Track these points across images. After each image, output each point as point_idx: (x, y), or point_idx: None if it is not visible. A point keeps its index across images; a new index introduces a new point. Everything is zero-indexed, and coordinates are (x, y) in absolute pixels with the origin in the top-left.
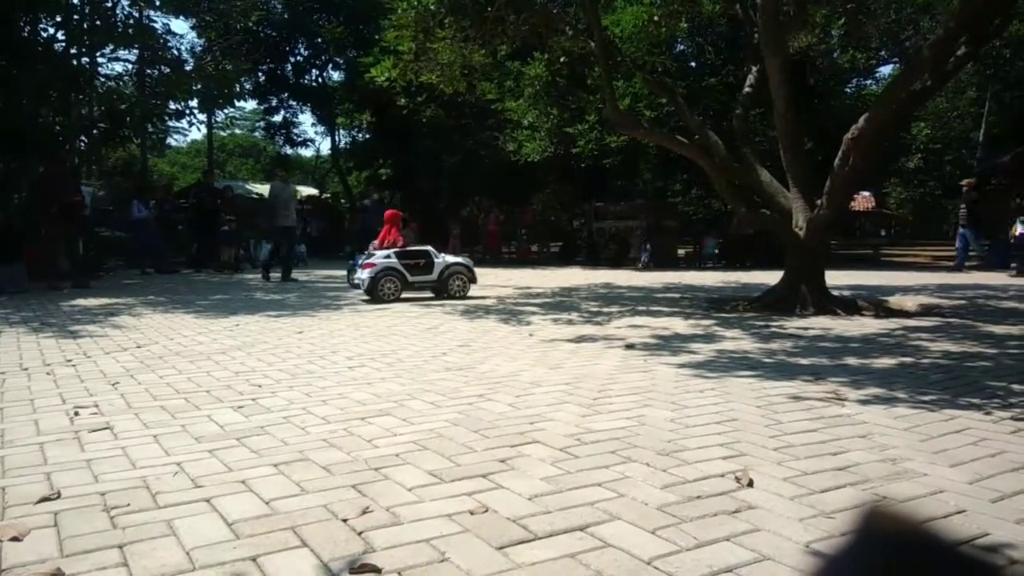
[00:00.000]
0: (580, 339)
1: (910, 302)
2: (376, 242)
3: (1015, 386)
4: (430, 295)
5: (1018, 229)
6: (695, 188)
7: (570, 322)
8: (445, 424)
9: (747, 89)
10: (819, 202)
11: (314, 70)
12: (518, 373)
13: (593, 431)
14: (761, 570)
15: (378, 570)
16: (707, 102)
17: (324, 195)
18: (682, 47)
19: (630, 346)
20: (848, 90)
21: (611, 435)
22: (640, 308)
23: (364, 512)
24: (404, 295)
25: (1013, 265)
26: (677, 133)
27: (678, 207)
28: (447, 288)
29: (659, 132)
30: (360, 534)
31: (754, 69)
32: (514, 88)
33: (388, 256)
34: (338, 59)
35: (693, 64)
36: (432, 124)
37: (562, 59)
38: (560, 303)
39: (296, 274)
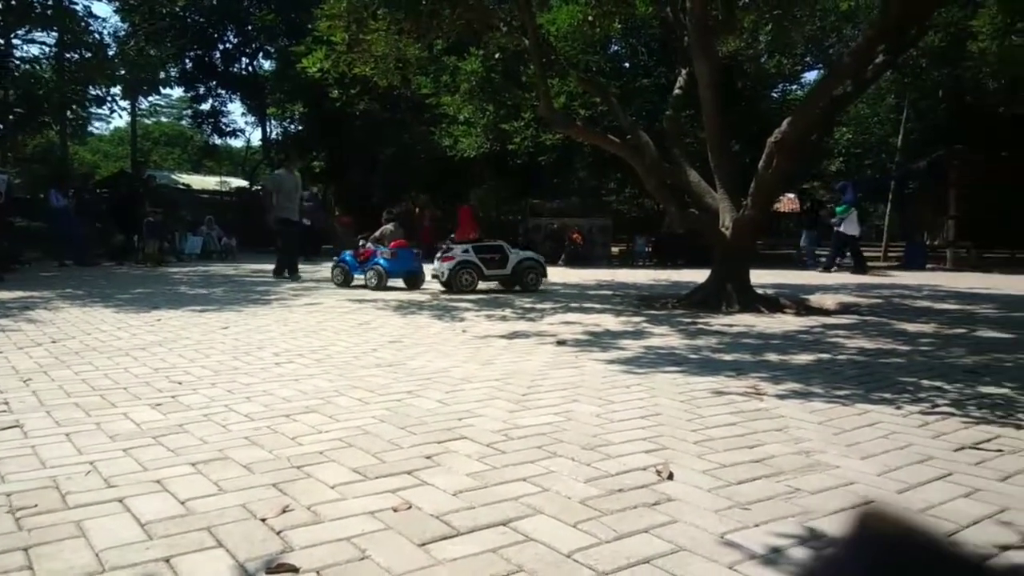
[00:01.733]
0: (513, 335)
1: (830, 300)
2: (454, 236)
3: (925, 382)
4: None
5: (846, 227)
6: (629, 187)
7: (503, 318)
8: (372, 421)
9: (677, 91)
10: (745, 203)
11: (244, 58)
12: (449, 369)
13: (521, 427)
14: (676, 560)
15: (296, 569)
16: (640, 103)
17: (255, 187)
18: (616, 48)
19: (561, 342)
20: (774, 94)
21: (538, 431)
22: (573, 305)
23: (284, 511)
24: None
25: (839, 260)
26: (611, 133)
27: (612, 205)
28: (521, 281)
29: (592, 131)
30: (279, 533)
31: (684, 72)
32: (450, 83)
33: (466, 250)
34: (269, 48)
35: (627, 65)
36: (366, 117)
37: (497, 55)
38: (494, 299)
39: (223, 267)
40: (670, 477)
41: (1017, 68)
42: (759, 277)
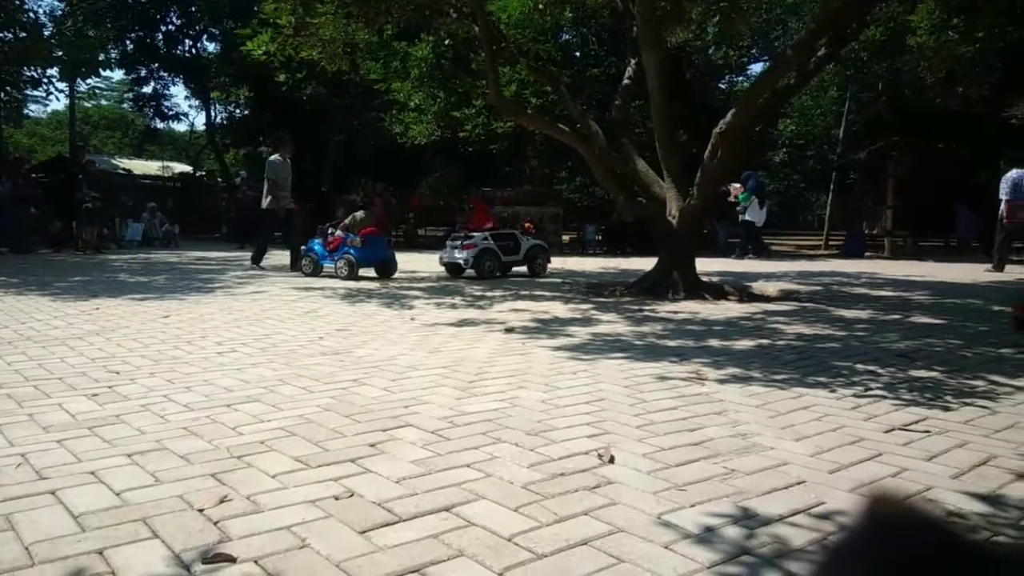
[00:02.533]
0: (462, 323)
1: (771, 288)
2: (470, 224)
3: (859, 366)
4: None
5: (748, 215)
6: (580, 176)
7: (453, 306)
8: (316, 410)
9: (626, 81)
10: (691, 192)
11: (188, 40)
12: (396, 357)
13: (466, 413)
14: (614, 541)
15: (232, 559)
16: (591, 91)
17: (199, 173)
18: (567, 37)
19: (510, 330)
20: (722, 86)
21: (484, 417)
22: (523, 293)
23: (222, 501)
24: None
25: (750, 249)
26: (561, 122)
27: (563, 194)
28: (531, 266)
29: (542, 119)
30: (216, 523)
31: (633, 62)
32: (400, 69)
33: (486, 238)
34: (214, 30)
35: (578, 54)
36: (314, 102)
37: (447, 42)
38: (444, 287)
39: (165, 255)
40: (611, 461)
41: (953, 63)
42: (705, 265)
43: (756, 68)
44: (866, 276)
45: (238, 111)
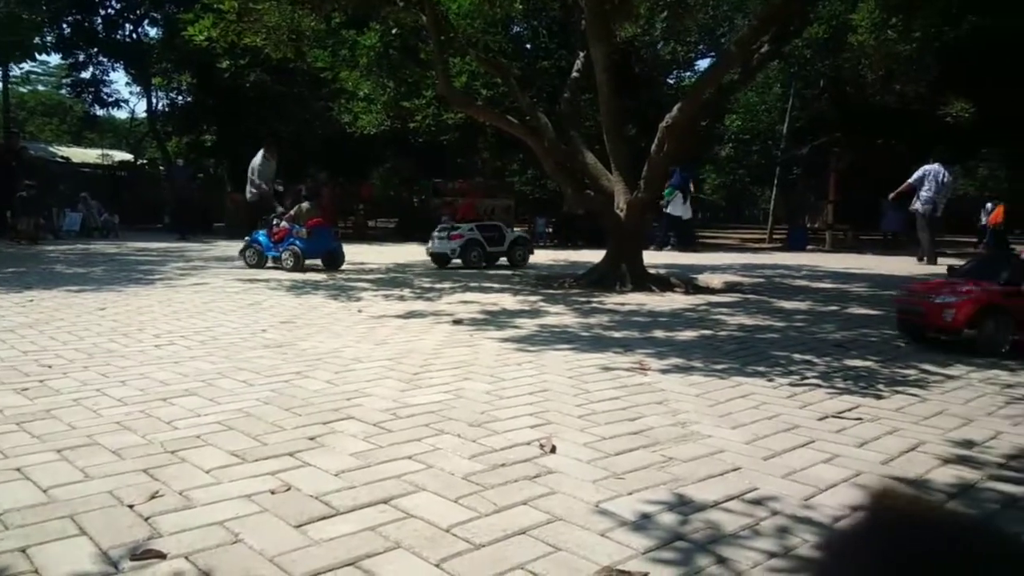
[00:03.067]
0: (409, 315)
1: (716, 280)
2: (458, 215)
3: (796, 356)
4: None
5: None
6: (531, 168)
7: (401, 298)
8: (255, 403)
9: (575, 74)
10: (639, 185)
11: (128, 24)
12: (341, 350)
13: (410, 405)
14: (551, 530)
15: (163, 555)
16: (541, 84)
17: (140, 161)
18: (518, 28)
19: (457, 321)
20: (670, 81)
21: (427, 409)
22: (472, 284)
23: (153, 496)
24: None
25: (673, 240)
26: (511, 114)
27: (515, 186)
28: (511, 256)
29: (491, 111)
30: (147, 519)
31: (582, 55)
32: (349, 58)
33: (472, 230)
34: (155, 14)
35: (529, 46)
36: (259, 90)
37: (395, 31)
38: (393, 279)
39: (105, 246)
40: (553, 450)
41: (891, 61)
42: (653, 258)
43: (703, 63)
44: (807, 269)
45: (180, 98)
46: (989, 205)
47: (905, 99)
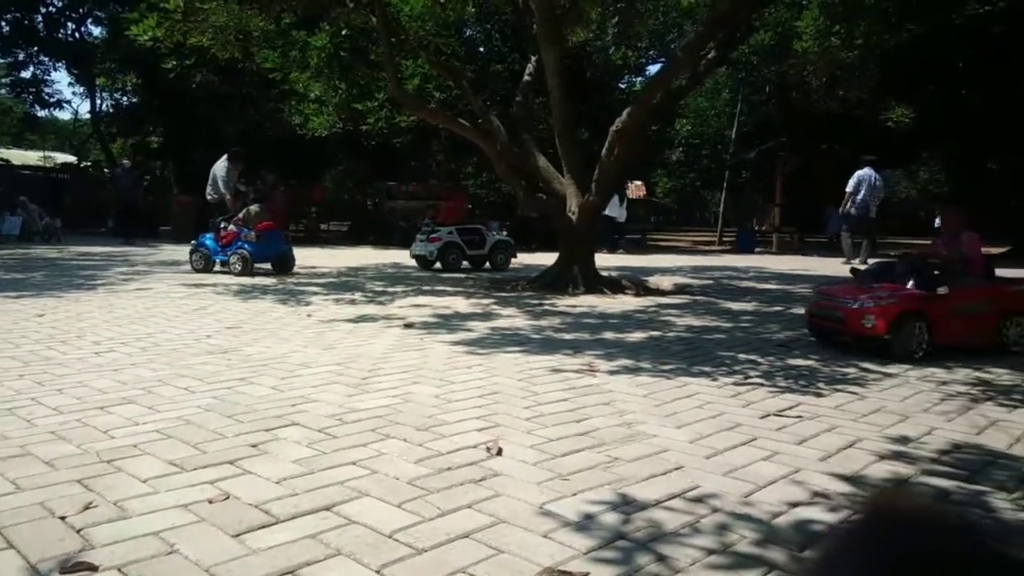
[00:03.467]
0: (360, 319)
1: (666, 282)
2: (439, 218)
3: (741, 355)
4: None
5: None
6: (486, 172)
7: (352, 302)
8: (196, 410)
9: (527, 78)
10: (591, 188)
11: (70, 23)
12: (288, 355)
13: (356, 410)
14: (495, 533)
15: (94, 567)
16: (494, 87)
17: (84, 164)
18: (471, 32)
19: (409, 325)
20: (622, 86)
21: (374, 414)
22: (425, 288)
23: (86, 508)
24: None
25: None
26: (465, 117)
27: (469, 189)
28: (493, 260)
29: (443, 114)
30: (79, 531)
31: (534, 59)
32: (300, 59)
33: (451, 232)
34: (99, 12)
35: (481, 49)
36: (207, 91)
37: (344, 32)
38: (345, 283)
39: (46, 250)
40: (499, 453)
41: (835, 68)
42: (605, 260)
43: (654, 69)
44: (754, 270)
45: (125, 99)
46: (942, 206)
47: (848, 105)
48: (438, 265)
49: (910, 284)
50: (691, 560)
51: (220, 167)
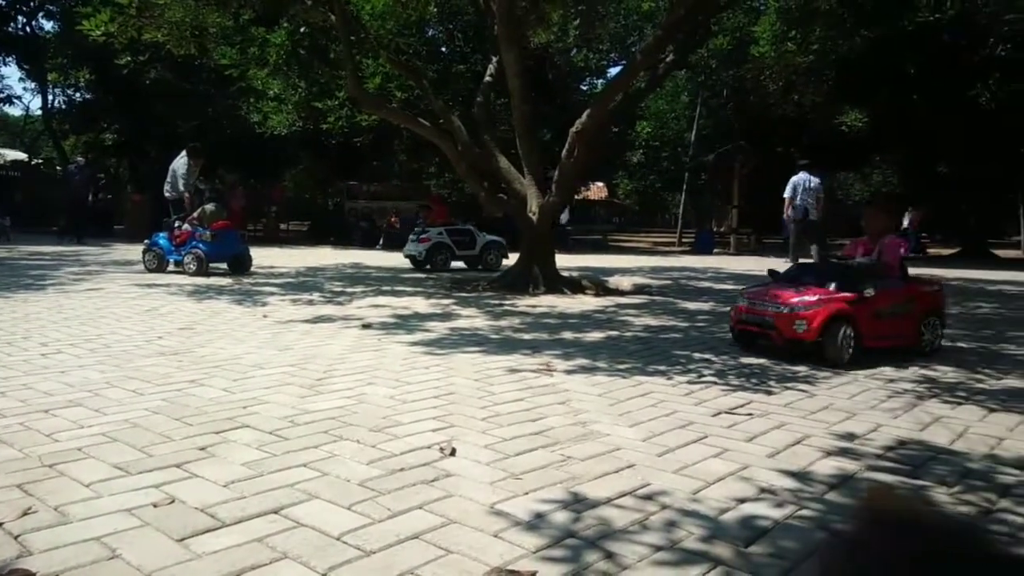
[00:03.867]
0: (317, 320)
1: (626, 282)
2: (429, 220)
3: (696, 354)
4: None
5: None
6: (448, 172)
7: (310, 302)
8: (144, 413)
9: (488, 78)
10: (551, 189)
11: (21, 16)
12: (241, 356)
13: (309, 412)
14: (445, 533)
15: (31, 574)
16: (456, 88)
17: (35, 161)
18: (433, 32)
19: (367, 326)
20: (583, 87)
21: (327, 415)
22: (385, 288)
23: (25, 513)
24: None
25: None
26: (427, 117)
27: (432, 189)
28: (485, 260)
29: (403, 113)
30: (17, 537)
31: (495, 59)
32: (259, 56)
33: (440, 233)
34: (51, 6)
35: (444, 49)
36: (163, 87)
37: (303, 29)
38: (303, 283)
39: None
40: (453, 453)
41: (790, 72)
42: (568, 261)
43: (615, 71)
44: (712, 271)
45: (78, 95)
46: (910, 209)
47: (803, 109)
48: (429, 265)
49: (832, 286)
50: (639, 557)
51: (180, 164)
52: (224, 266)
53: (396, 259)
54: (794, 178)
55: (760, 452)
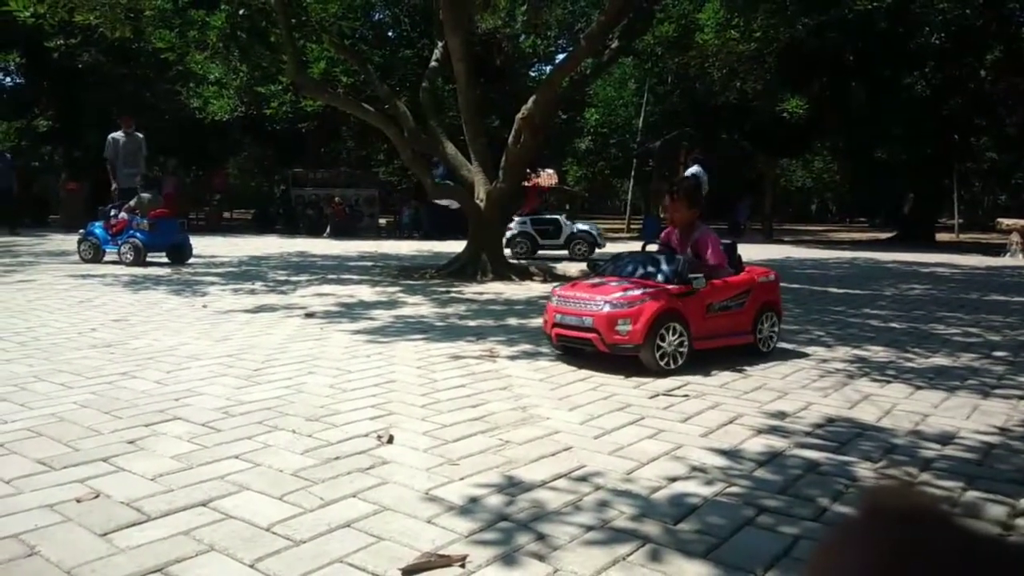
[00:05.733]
0: (259, 309)
1: (573, 268)
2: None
3: None
4: None
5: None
6: (397, 159)
7: (252, 292)
8: (72, 407)
9: (434, 63)
10: (498, 176)
11: None
12: (177, 347)
13: (245, 402)
14: (378, 520)
15: None
16: (403, 73)
17: None
18: (379, 16)
19: (310, 315)
20: (532, 74)
21: (264, 405)
22: (331, 277)
23: None
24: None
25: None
26: (373, 102)
27: (380, 176)
28: (572, 251)
29: (347, 99)
30: None
31: (441, 44)
32: (199, 39)
33: (524, 222)
34: None
35: (391, 34)
36: (98, 72)
37: (241, 12)
38: (245, 272)
39: None
40: (390, 441)
41: (734, 60)
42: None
43: (563, 57)
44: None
45: (8, 79)
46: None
47: (746, 95)
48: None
49: (660, 278)
50: (570, 537)
51: (136, 141)
52: (164, 256)
53: (343, 247)
54: (690, 170)
55: (694, 432)
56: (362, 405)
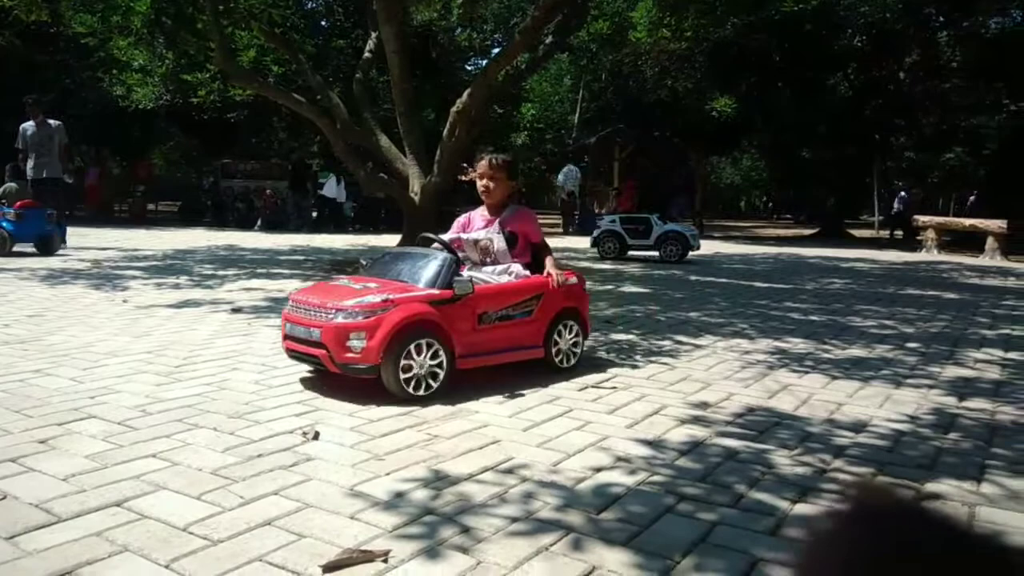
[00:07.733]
0: (183, 304)
1: None
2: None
3: None
4: None
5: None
6: (331, 151)
7: (176, 286)
8: None
9: (367, 54)
10: (433, 169)
11: None
12: (94, 344)
13: (164, 400)
14: (300, 518)
15: None
16: (337, 63)
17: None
18: (312, 5)
19: (236, 310)
20: (468, 67)
21: (184, 403)
22: (260, 271)
23: None
24: None
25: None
26: (306, 93)
27: (314, 168)
28: (664, 252)
29: (277, 88)
30: None
31: (375, 35)
32: (123, 24)
33: (613, 220)
34: None
35: (324, 23)
36: (13, 56)
37: None
38: (170, 266)
39: None
40: (316, 437)
41: (665, 58)
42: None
43: (498, 52)
44: (592, 252)
45: None
46: (903, 194)
47: (677, 94)
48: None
49: (421, 280)
50: (495, 529)
51: (47, 130)
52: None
53: (274, 241)
54: (569, 167)
55: (620, 423)
56: (288, 401)
